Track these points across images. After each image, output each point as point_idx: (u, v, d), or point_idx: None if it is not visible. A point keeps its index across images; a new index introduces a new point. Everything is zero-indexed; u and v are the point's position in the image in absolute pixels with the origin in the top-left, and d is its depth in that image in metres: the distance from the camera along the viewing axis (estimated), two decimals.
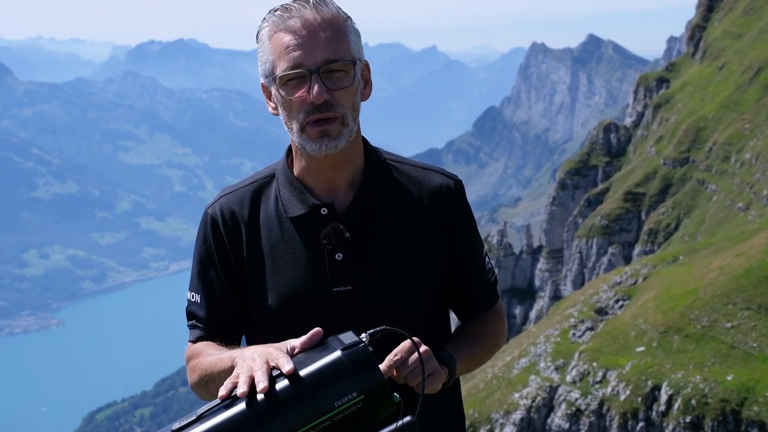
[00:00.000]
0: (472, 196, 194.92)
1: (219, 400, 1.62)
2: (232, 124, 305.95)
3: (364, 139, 2.15)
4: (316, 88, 1.94)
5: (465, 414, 2.37)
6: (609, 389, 24.55)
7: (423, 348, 1.84)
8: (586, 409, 24.96)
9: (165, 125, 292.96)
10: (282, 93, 1.99)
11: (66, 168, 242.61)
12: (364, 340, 1.67)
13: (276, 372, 1.64)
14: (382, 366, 1.79)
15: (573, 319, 29.97)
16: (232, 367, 1.79)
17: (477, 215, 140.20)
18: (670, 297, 26.81)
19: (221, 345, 2.07)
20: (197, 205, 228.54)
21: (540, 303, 52.75)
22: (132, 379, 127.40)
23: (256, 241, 2.11)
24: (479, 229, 2.26)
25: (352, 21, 2.03)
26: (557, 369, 26.97)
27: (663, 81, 58.57)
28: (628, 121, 59.32)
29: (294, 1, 2.00)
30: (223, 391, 1.62)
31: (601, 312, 30.13)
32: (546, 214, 57.99)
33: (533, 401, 26.50)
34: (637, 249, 46.18)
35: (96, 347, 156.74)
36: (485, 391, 28.74)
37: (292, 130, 2.02)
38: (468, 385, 29.59)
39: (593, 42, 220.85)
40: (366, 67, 2.09)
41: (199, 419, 1.58)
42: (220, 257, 2.13)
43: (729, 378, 22.30)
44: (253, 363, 1.66)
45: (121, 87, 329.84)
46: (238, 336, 2.19)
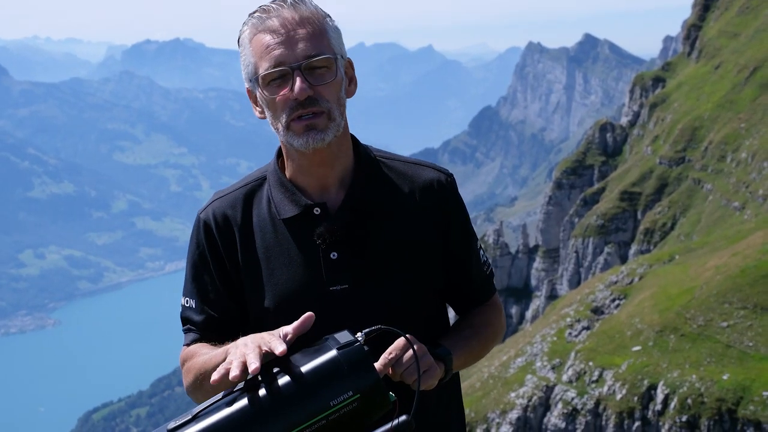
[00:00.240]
0: (468, 195, 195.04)
1: (214, 399, 1.61)
2: (228, 124, 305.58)
3: (352, 137, 2.14)
4: (298, 82, 1.93)
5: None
6: (605, 388, 24.56)
7: (417, 345, 1.84)
8: (582, 409, 24.98)
9: (161, 125, 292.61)
10: (266, 93, 1.98)
11: (62, 168, 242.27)
12: (359, 339, 1.67)
13: (270, 361, 1.64)
14: (377, 364, 1.79)
15: (569, 319, 29.99)
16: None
17: (473, 215, 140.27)
18: (666, 296, 26.82)
19: (216, 345, 2.05)
20: (193, 206, 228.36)
21: (536, 302, 52.82)
22: (128, 379, 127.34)
23: (250, 244, 2.10)
24: (475, 229, 2.25)
25: (331, 18, 2.03)
26: (553, 368, 27.00)
27: (659, 80, 58.60)
28: (624, 121, 59.37)
29: (272, 2, 2.00)
30: (216, 376, 1.61)
31: (597, 311, 30.16)
32: (542, 213, 58.07)
33: (529, 401, 26.54)
34: (633, 248, 46.21)
35: (92, 347, 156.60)
36: (481, 391, 28.77)
37: (278, 130, 2.01)
38: (464, 385, 29.58)
39: (589, 41, 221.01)
40: (349, 64, 2.09)
41: (195, 419, 1.58)
42: (214, 261, 2.12)
43: (725, 377, 22.33)
44: (246, 348, 1.66)
45: (118, 87, 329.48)
46: (233, 339, 2.18)
